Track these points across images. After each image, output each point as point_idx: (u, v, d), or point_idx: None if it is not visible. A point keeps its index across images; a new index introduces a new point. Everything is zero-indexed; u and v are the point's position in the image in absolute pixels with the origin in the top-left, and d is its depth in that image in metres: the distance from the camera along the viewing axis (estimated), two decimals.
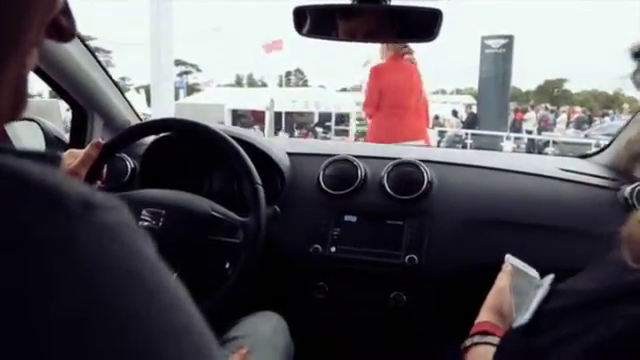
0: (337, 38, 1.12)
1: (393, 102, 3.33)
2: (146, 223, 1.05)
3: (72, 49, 1.33)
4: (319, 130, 16.42)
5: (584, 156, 1.64)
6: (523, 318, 0.52)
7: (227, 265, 1.15)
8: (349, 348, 1.44)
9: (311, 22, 1.10)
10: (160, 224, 1.05)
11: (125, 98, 1.62)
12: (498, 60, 11.98)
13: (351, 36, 1.13)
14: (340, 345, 1.44)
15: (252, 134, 1.41)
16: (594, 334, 0.41)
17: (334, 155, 1.41)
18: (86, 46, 1.40)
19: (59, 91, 1.44)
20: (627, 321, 0.39)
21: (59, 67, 1.33)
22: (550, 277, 0.59)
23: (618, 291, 0.43)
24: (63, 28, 0.37)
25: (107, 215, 0.25)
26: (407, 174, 1.32)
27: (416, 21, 1.05)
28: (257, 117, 16.29)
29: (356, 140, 10.98)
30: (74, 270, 0.22)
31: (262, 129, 13.33)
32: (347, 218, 1.31)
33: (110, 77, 1.53)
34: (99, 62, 1.47)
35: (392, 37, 1.24)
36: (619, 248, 0.45)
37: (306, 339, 1.24)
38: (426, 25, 1.02)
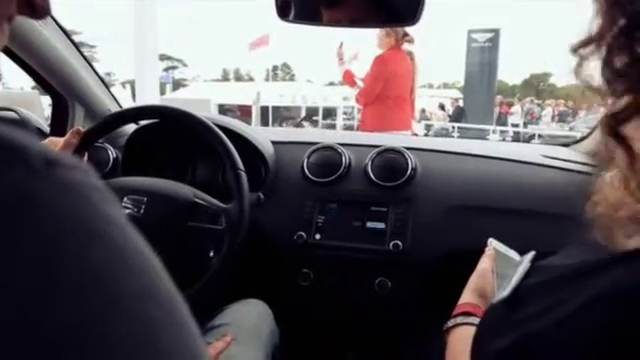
0: (322, 23, 1.11)
1: (395, 92, 3.32)
2: (128, 210, 1.04)
3: (52, 37, 1.31)
4: (306, 124, 16.39)
5: (567, 144, 1.65)
6: (504, 293, 0.52)
7: (211, 253, 1.14)
8: (334, 335, 1.44)
9: (295, 7, 1.09)
10: (142, 211, 1.04)
11: (107, 87, 1.60)
12: (484, 53, 12.07)
13: (336, 21, 1.12)
14: (325, 332, 1.44)
15: (235, 122, 1.40)
16: (576, 301, 0.41)
17: (318, 143, 1.40)
18: (67, 35, 1.38)
19: (39, 80, 1.41)
20: (611, 284, 0.39)
21: (39, 55, 1.31)
22: (531, 254, 0.59)
23: (602, 262, 0.43)
24: (36, 4, 0.36)
25: (71, 173, 0.24)
26: (391, 161, 1.32)
27: (399, 5, 1.05)
28: (244, 111, 16.21)
29: None
30: (35, 224, 0.21)
31: (248, 124, 13.24)
32: (331, 205, 1.31)
33: (91, 66, 1.51)
34: (80, 51, 1.45)
35: (378, 22, 1.23)
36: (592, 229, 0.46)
37: (291, 326, 1.24)
38: (409, 9, 1.02)
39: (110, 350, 0.21)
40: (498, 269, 0.80)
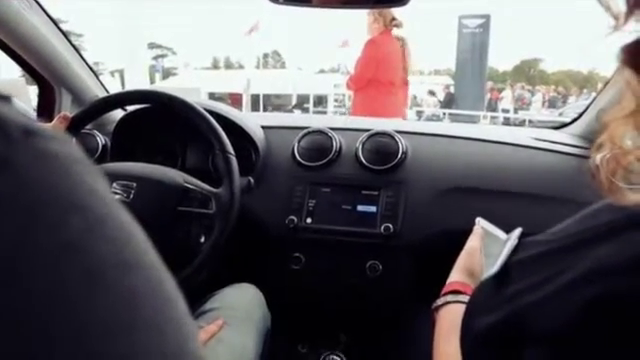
0: (312, 5, 1.10)
1: (386, 77, 3.30)
2: (117, 196, 1.03)
3: (38, 23, 1.29)
4: (297, 112, 16.33)
5: (557, 127, 1.66)
6: (492, 269, 0.53)
7: (202, 239, 1.14)
8: (326, 318, 1.45)
9: None
10: (131, 196, 1.03)
11: (94, 73, 1.58)
12: (475, 39, 12.03)
13: (327, 3, 1.11)
14: (317, 315, 1.44)
15: (225, 107, 1.39)
16: (569, 275, 0.41)
17: (308, 127, 1.40)
18: (53, 21, 1.36)
19: (25, 66, 1.39)
20: (602, 258, 0.39)
21: (24, 40, 1.29)
22: (518, 230, 0.59)
23: (591, 232, 0.43)
24: None
25: (50, 143, 0.24)
26: (382, 144, 1.32)
27: None
28: (235, 99, 16.14)
29: None
30: (11, 192, 0.21)
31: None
32: (322, 189, 1.31)
33: (79, 52, 1.49)
34: (66, 37, 1.43)
35: (368, 3, 1.23)
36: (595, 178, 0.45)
37: (283, 310, 1.24)
38: None
39: (88, 322, 0.21)
40: (486, 248, 0.81)
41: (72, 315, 0.21)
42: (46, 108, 1.49)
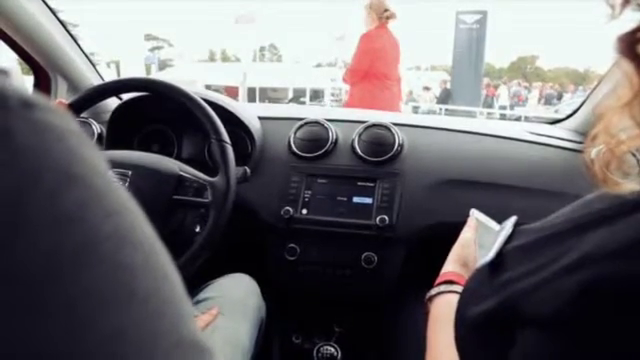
0: None
1: (381, 70, 3.30)
2: None
3: (34, 9, 1.28)
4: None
5: (553, 122, 1.66)
6: (487, 257, 0.53)
7: (197, 228, 1.14)
8: (320, 309, 1.45)
9: None
10: (127, 184, 1.03)
11: (91, 62, 1.57)
12: (472, 35, 12.02)
13: None
14: (311, 306, 1.45)
15: (222, 97, 1.38)
16: (562, 260, 0.41)
17: (305, 118, 1.40)
18: (50, 9, 1.35)
19: (20, 52, 1.38)
20: (595, 245, 0.39)
21: (21, 27, 1.28)
22: (513, 219, 0.59)
23: (586, 219, 0.43)
24: None
25: (48, 115, 0.24)
26: (378, 136, 1.32)
27: None
28: (231, 92, 16.10)
29: None
30: (10, 158, 0.21)
31: None
32: (318, 180, 1.31)
33: (75, 41, 1.48)
34: (63, 25, 1.42)
35: None
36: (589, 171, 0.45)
37: (278, 300, 1.24)
38: None
39: (82, 292, 0.21)
40: (480, 239, 0.81)
41: (66, 285, 0.21)
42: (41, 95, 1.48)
